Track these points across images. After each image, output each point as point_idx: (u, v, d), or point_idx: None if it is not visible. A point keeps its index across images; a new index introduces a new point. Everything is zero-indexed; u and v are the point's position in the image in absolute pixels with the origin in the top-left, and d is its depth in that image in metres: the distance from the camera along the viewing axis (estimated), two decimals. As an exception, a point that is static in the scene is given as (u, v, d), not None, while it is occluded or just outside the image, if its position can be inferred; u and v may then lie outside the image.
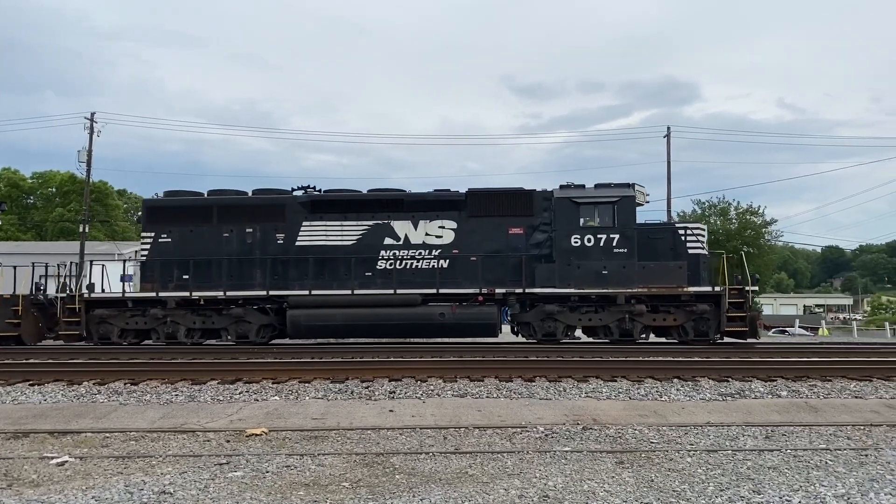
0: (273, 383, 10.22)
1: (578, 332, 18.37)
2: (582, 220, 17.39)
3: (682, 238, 17.69)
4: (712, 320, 16.92)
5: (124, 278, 19.16)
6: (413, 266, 17.76)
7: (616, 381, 10.42)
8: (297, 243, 17.96)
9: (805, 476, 5.41)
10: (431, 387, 9.81)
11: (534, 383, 10.16)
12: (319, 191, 18.49)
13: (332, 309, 17.20)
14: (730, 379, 10.53)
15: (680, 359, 12.86)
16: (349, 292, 17.24)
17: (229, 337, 17.69)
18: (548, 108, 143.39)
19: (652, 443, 6.72)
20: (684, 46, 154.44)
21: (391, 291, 17.25)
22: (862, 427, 7.51)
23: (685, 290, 16.91)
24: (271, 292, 17.45)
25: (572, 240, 17.33)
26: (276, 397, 9.23)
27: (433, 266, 17.69)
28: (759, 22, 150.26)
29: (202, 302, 17.53)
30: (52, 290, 18.61)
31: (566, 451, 6.27)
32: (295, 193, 18.38)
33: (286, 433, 7.22)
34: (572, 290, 17.13)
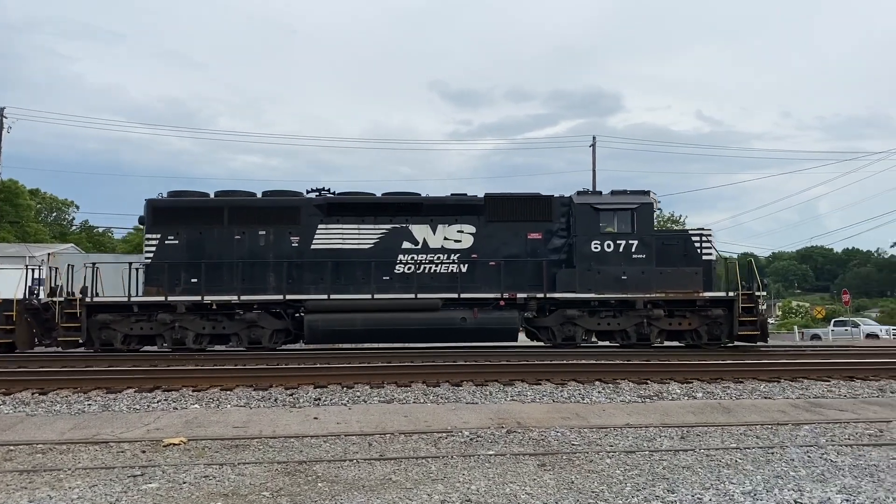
0: (193, 391, 9.93)
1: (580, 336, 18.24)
2: (601, 226, 17.75)
3: (695, 244, 18.20)
4: (725, 324, 17.39)
5: (34, 283, 18.12)
6: (432, 270, 17.73)
7: (541, 384, 10.61)
8: (313, 246, 17.60)
9: (716, 475, 5.63)
10: (358, 393, 9.74)
11: (461, 388, 10.23)
12: (333, 193, 18.16)
13: (351, 314, 16.92)
14: (649, 381, 10.88)
15: (602, 362, 13.20)
16: (369, 297, 17.03)
17: (238, 343, 17.09)
18: (478, 115, 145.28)
19: (573, 445, 6.86)
20: (610, 59, 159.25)
21: (412, 296, 17.15)
22: (770, 426, 7.88)
23: (701, 294, 17.40)
24: (288, 297, 17.01)
25: (592, 245, 17.64)
26: (197, 405, 8.97)
27: (452, 271, 17.71)
28: (680, 38, 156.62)
29: (214, 307, 16.92)
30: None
31: (490, 455, 6.33)
32: (309, 195, 18.02)
33: (206, 442, 7.02)
34: (593, 295, 17.41)
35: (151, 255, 17.39)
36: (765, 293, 18.26)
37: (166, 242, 17.36)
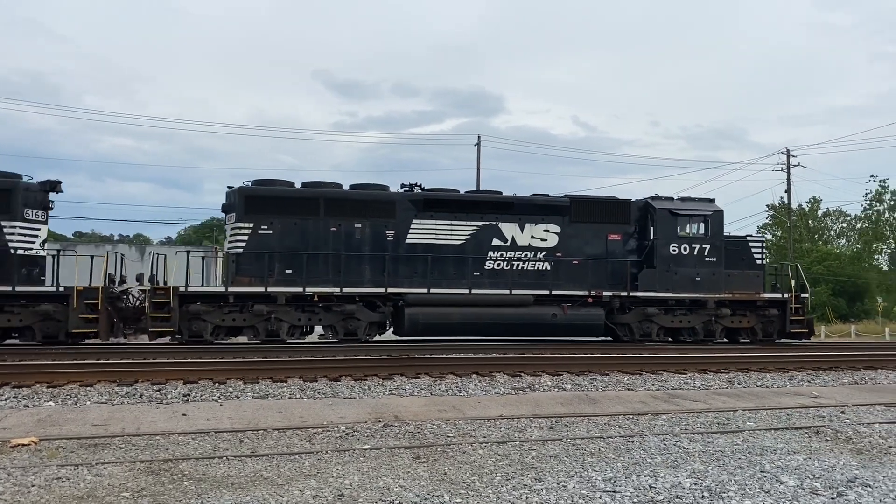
0: (48, 387, 9.25)
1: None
2: (679, 230, 19.11)
3: (752, 249, 19.91)
4: (777, 323, 19.32)
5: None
6: (519, 267, 18.39)
7: (420, 377, 10.71)
8: (407, 241, 17.84)
9: (581, 463, 5.91)
10: (231, 389, 9.43)
11: (339, 382, 10.14)
12: (421, 189, 18.49)
13: (449, 308, 17.33)
14: (522, 374, 11.24)
15: (479, 355, 13.50)
16: (466, 291, 17.56)
17: (333, 334, 17.03)
18: (364, 108, 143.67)
19: (448, 437, 6.98)
20: (495, 60, 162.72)
21: (507, 291, 17.81)
22: (631, 416, 8.36)
23: (761, 296, 19.27)
24: (390, 290, 17.18)
25: (671, 248, 19.00)
26: (52, 402, 8.36)
27: (538, 268, 18.49)
28: (560, 44, 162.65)
29: (316, 298, 16.77)
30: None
31: (365, 449, 6.32)
32: (401, 190, 18.33)
33: (60, 442, 6.55)
34: (671, 295, 18.73)
35: (243, 244, 16.98)
36: (807, 295, 20.45)
37: (259, 232, 16.99)
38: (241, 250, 16.99)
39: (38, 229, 16.86)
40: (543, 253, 18.53)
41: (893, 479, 5.44)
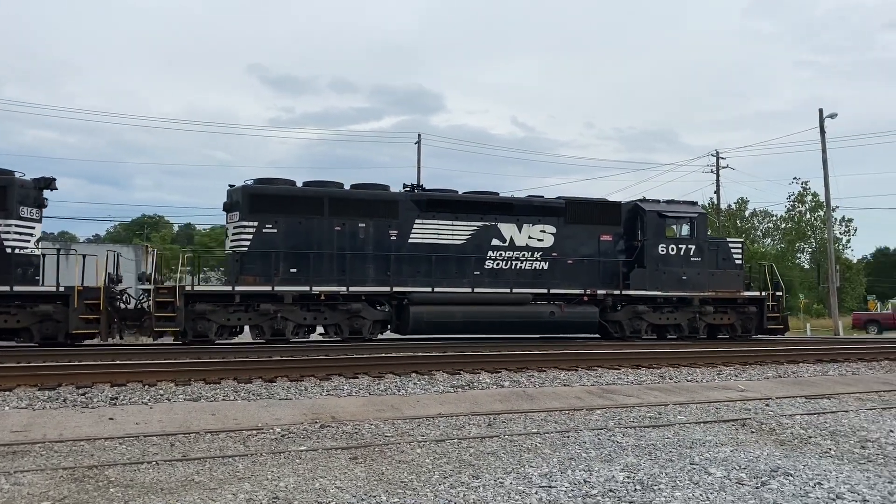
0: (-37, 393, 8.75)
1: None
2: (667, 232, 19.99)
3: (733, 250, 21.05)
4: (755, 319, 20.40)
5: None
6: (517, 267, 18.84)
7: (358, 377, 10.61)
8: (410, 240, 18.03)
9: (518, 459, 5.97)
10: (161, 391, 9.14)
11: (274, 384, 9.96)
12: (422, 190, 18.85)
13: (452, 306, 17.65)
14: (461, 372, 11.29)
15: (419, 354, 13.48)
16: (469, 290, 17.92)
17: (337, 333, 17.15)
18: (300, 104, 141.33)
19: (386, 437, 6.94)
20: (434, 59, 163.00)
21: (507, 290, 18.29)
22: (567, 411, 8.50)
23: (742, 294, 20.43)
24: (395, 288, 17.36)
25: (660, 248, 19.80)
26: (-34, 409, 7.91)
27: (535, 268, 19.02)
28: (499, 45, 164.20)
29: (323, 297, 16.86)
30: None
31: (301, 451, 6.22)
32: (404, 191, 18.54)
33: (-25, 451, 6.21)
34: (660, 293, 19.58)
35: (248, 243, 16.84)
36: (783, 294, 21.54)
37: (264, 230, 16.92)
38: (246, 249, 16.87)
39: (33, 228, 16.41)
40: (540, 253, 19.06)
41: (812, 468, 5.68)
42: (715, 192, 46.39)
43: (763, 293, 20.64)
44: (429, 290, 17.59)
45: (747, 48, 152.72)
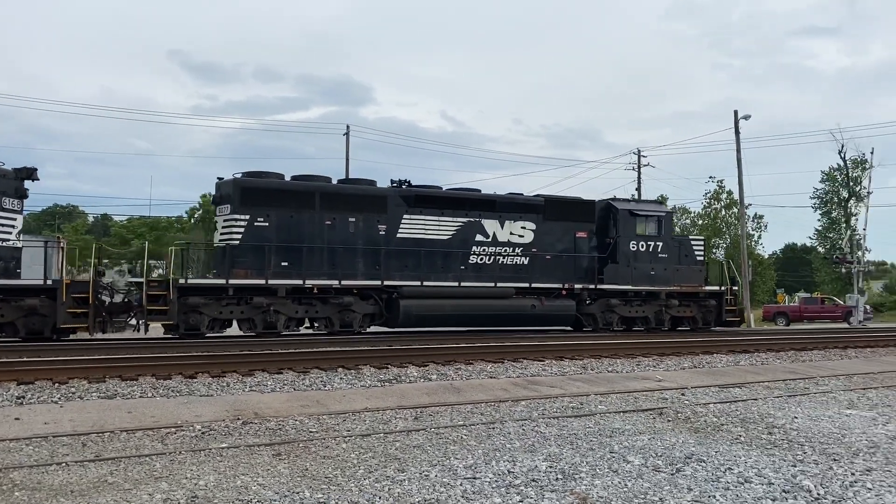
0: None
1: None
2: (637, 230, 20.97)
3: (694, 247, 22.43)
4: (714, 312, 21.85)
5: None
6: (500, 262, 19.50)
7: (282, 373, 10.43)
8: (399, 235, 18.34)
9: (443, 451, 6.00)
10: (73, 389, 8.74)
11: (195, 380, 9.68)
12: (410, 185, 19.03)
13: (440, 300, 18.11)
14: (389, 366, 11.25)
15: (346, 349, 13.37)
16: (456, 284, 18.43)
17: (327, 326, 17.31)
18: (224, 92, 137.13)
19: (311, 432, 6.85)
20: (363, 50, 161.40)
21: (492, 284, 18.92)
22: (493, 403, 8.60)
23: (703, 288, 21.81)
24: (386, 282, 17.64)
25: (631, 245, 20.87)
26: None
27: (516, 262, 19.71)
28: (429, 39, 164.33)
29: (316, 291, 16.99)
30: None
31: (222, 448, 6.06)
32: (391, 187, 18.87)
33: None
34: (631, 287, 20.66)
35: (239, 236, 16.79)
36: (739, 288, 23.45)
37: (256, 224, 16.90)
38: (238, 242, 16.82)
39: (15, 219, 15.76)
40: (521, 248, 19.78)
41: (724, 454, 5.95)
42: (636, 190, 47.82)
43: (722, 287, 22.08)
44: (418, 283, 17.96)
45: (667, 49, 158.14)
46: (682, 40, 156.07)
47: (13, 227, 15.69)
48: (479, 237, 19.30)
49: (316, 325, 17.71)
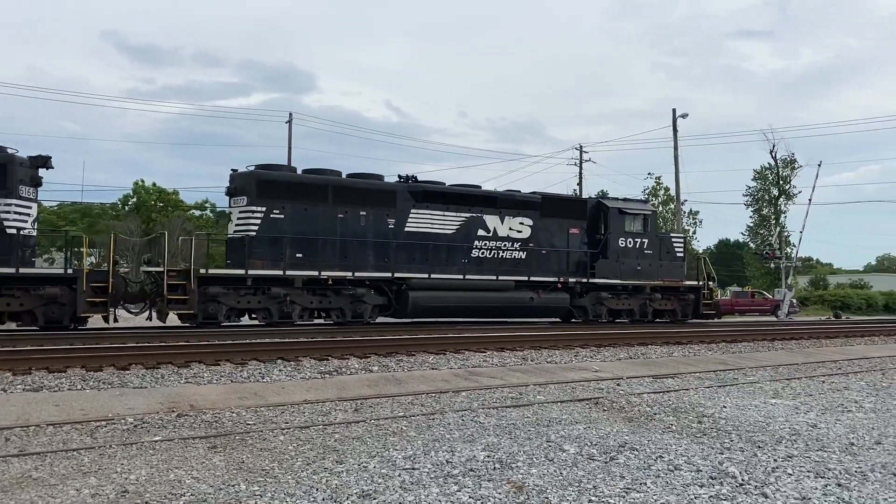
0: None
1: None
2: (625, 227, 22.13)
3: (675, 243, 23.73)
4: (692, 305, 23.15)
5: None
6: (500, 256, 20.32)
7: (220, 364, 10.24)
8: (406, 229, 18.98)
9: (383, 443, 6.00)
10: (-4, 381, 8.37)
11: (128, 371, 9.42)
12: (416, 180, 19.71)
13: (446, 292, 18.90)
14: (330, 357, 11.17)
15: (286, 340, 13.21)
16: (461, 277, 19.23)
17: (340, 317, 17.76)
18: (162, 75, 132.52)
19: (248, 424, 6.75)
20: (306, 37, 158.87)
21: (493, 277, 19.75)
22: (434, 394, 8.64)
23: (683, 283, 23.10)
24: (396, 274, 18.24)
25: (620, 241, 22.00)
26: None
27: (514, 257, 20.57)
28: (374, 27, 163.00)
29: (331, 282, 17.47)
30: None
31: (155, 441, 5.92)
32: (399, 182, 19.52)
33: None
34: (620, 281, 21.78)
35: (256, 227, 17.23)
36: (716, 284, 25.10)
37: (272, 216, 17.35)
38: (255, 233, 17.23)
39: (30, 207, 15.94)
40: (519, 243, 20.67)
41: (656, 443, 6.13)
42: (578, 185, 48.63)
43: (700, 282, 23.42)
44: (426, 276, 18.67)
45: (610, 47, 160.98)
46: (624, 38, 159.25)
47: (29, 215, 15.84)
48: (480, 232, 20.15)
49: (324, 315, 18.19)
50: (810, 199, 39.35)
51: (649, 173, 72.74)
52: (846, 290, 55.90)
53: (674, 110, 37.56)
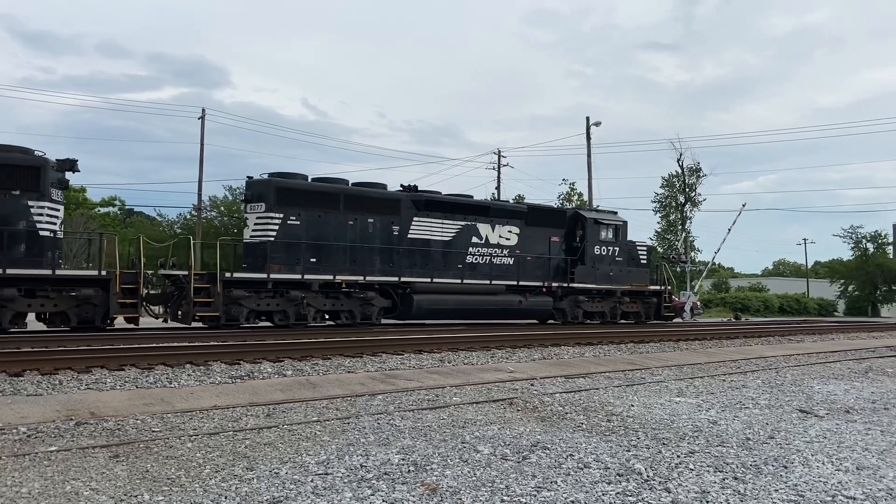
0: None
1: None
2: (600, 236, 24.22)
3: (640, 251, 25.81)
4: (654, 308, 25.64)
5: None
6: (490, 262, 21.92)
7: (124, 370, 9.80)
8: (409, 235, 20.39)
9: (295, 448, 5.88)
10: None
11: (21, 378, 8.89)
12: (416, 190, 21.18)
13: (446, 295, 20.39)
14: (241, 362, 10.88)
15: (195, 344, 12.77)
16: (459, 281, 20.80)
17: (350, 318, 18.91)
18: (62, 65, 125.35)
19: (154, 432, 6.48)
20: (218, 30, 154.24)
21: (487, 282, 21.43)
22: (349, 398, 8.55)
23: (649, 287, 25.54)
24: (402, 278, 19.63)
25: (596, 249, 24.07)
26: None
27: (504, 263, 22.20)
28: (289, 23, 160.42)
29: (343, 285, 18.64)
30: None
31: (51, 451, 5.59)
32: (402, 191, 20.99)
33: None
34: (596, 286, 23.87)
35: (274, 233, 18.13)
36: (674, 288, 28.21)
37: (289, 222, 18.32)
38: (273, 239, 18.10)
39: (59, 210, 16.29)
40: (508, 250, 22.33)
41: (567, 441, 6.29)
42: (496, 189, 49.39)
43: (661, 287, 26.08)
44: (428, 280, 20.13)
45: (525, 53, 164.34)
46: (539, 46, 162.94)
47: (58, 217, 16.11)
48: (474, 239, 21.71)
49: (330, 317, 19.23)
50: (729, 230, 40.86)
51: (563, 179, 74.80)
52: (745, 293, 59.13)
53: (587, 118, 38.81)
